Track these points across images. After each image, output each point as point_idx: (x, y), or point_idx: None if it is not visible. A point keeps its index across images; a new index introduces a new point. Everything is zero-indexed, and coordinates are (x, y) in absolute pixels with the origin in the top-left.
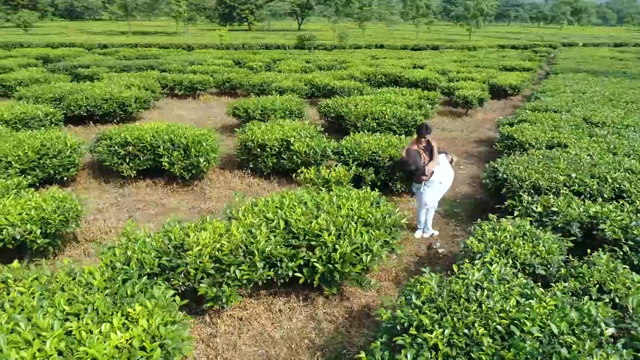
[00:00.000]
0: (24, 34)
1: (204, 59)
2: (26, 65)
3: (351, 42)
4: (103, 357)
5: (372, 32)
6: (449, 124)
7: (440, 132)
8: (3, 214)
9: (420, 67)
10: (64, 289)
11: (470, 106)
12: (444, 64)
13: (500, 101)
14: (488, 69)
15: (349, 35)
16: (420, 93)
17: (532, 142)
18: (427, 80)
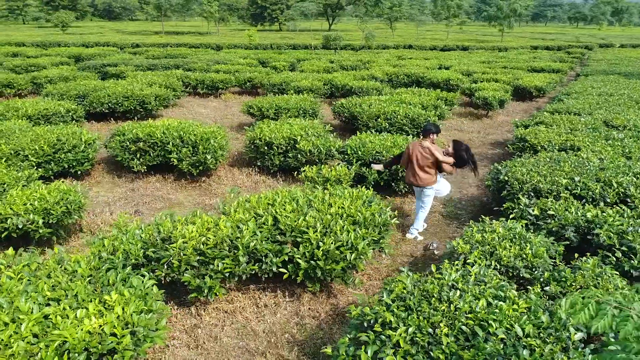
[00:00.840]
0: (61, 34)
1: (230, 58)
2: (59, 63)
3: (380, 43)
4: (74, 341)
5: (402, 32)
6: (467, 125)
7: (457, 133)
8: (8, 204)
9: (445, 68)
10: (49, 276)
11: (490, 108)
12: (470, 65)
13: (524, 103)
14: (516, 70)
15: (375, 36)
16: (438, 94)
17: (545, 144)
18: (449, 81)
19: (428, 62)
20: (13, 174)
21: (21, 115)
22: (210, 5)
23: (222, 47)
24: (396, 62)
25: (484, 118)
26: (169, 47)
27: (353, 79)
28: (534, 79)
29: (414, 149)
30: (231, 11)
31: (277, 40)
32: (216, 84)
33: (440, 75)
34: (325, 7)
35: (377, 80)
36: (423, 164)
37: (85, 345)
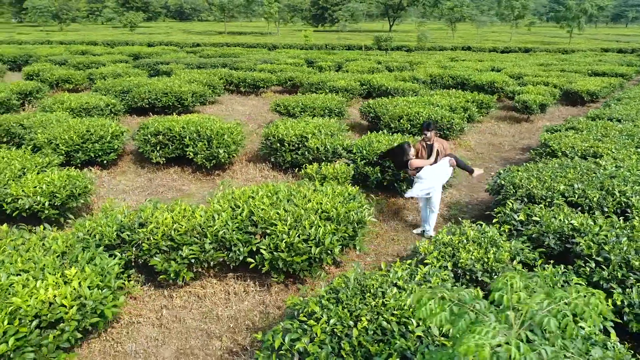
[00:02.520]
0: (130, 34)
1: (278, 58)
2: (118, 61)
3: (437, 44)
4: (27, 308)
5: (463, 33)
6: (502, 129)
7: (489, 137)
8: (21, 186)
9: (497, 71)
10: (28, 250)
11: (530, 112)
12: (525, 68)
13: (575, 108)
14: (573, 73)
15: (428, 37)
16: (474, 96)
17: (567, 150)
18: (493, 83)
19: (480, 64)
20: (35, 160)
21: (65, 108)
22: (270, 6)
23: (278, 47)
24: (446, 64)
25: (524, 122)
26: (225, 46)
27: (393, 79)
28: (587, 83)
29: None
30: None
31: (333, 40)
32: (257, 83)
33: (485, 77)
34: (386, 8)
35: (418, 81)
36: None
37: (36, 312)
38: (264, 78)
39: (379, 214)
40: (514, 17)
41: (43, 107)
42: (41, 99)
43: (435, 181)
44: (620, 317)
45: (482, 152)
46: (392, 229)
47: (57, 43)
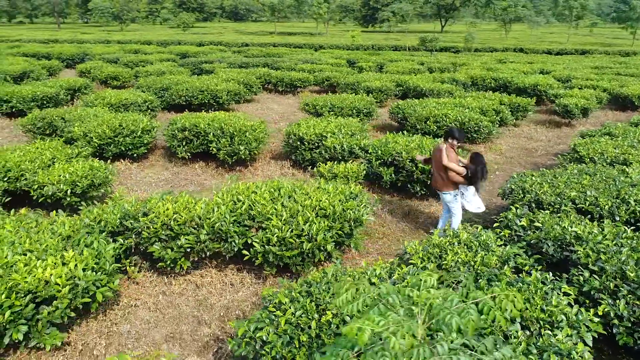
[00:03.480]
0: (183, 34)
1: (321, 58)
2: (165, 60)
3: (488, 45)
4: (25, 284)
5: (518, 34)
6: (538, 134)
7: (524, 141)
8: (47, 175)
9: (546, 73)
10: (38, 232)
11: (571, 116)
12: (576, 71)
13: (624, 113)
14: (629, 77)
15: (475, 38)
16: (510, 99)
17: (595, 156)
18: (536, 86)
19: (529, 66)
20: (65, 151)
21: (105, 104)
22: (319, 7)
23: (324, 47)
24: (492, 66)
25: (564, 127)
26: (271, 47)
27: (430, 81)
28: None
29: (434, 151)
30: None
31: (380, 41)
32: (294, 82)
33: (528, 80)
34: (438, 8)
35: (457, 83)
36: (437, 167)
37: (31, 289)
38: (301, 78)
39: (389, 215)
40: (573, 17)
41: (86, 102)
42: (87, 95)
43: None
44: (610, 329)
45: (511, 157)
46: (400, 230)
47: (115, 42)
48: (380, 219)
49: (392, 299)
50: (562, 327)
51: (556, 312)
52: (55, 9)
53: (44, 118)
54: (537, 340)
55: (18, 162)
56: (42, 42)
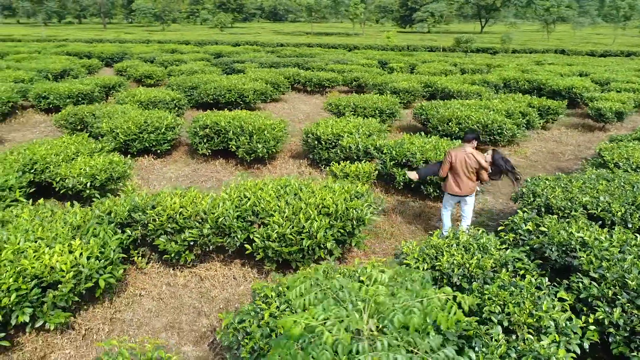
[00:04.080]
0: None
1: (352, 58)
2: (199, 59)
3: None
4: (32, 269)
5: (561, 35)
6: (569, 138)
7: (552, 145)
8: (69, 168)
9: (585, 75)
10: (51, 222)
11: (605, 120)
12: (617, 73)
13: None
14: None
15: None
16: (540, 101)
17: (620, 161)
18: (571, 89)
19: (568, 68)
20: (89, 145)
21: (135, 101)
22: (355, 8)
23: (359, 47)
24: (528, 68)
25: (597, 131)
26: (305, 47)
27: (460, 82)
28: None
29: (458, 157)
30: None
31: (416, 42)
32: (323, 82)
33: (563, 82)
34: (478, 9)
35: (489, 85)
36: (469, 171)
37: (38, 274)
38: (329, 78)
39: (400, 215)
40: (620, 18)
41: (118, 100)
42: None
43: None
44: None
45: (536, 160)
46: (409, 231)
47: (155, 42)
48: (391, 219)
49: (342, 294)
50: (549, 332)
51: (545, 317)
52: (102, 9)
53: (75, 114)
54: (517, 345)
55: (44, 155)
56: (86, 41)
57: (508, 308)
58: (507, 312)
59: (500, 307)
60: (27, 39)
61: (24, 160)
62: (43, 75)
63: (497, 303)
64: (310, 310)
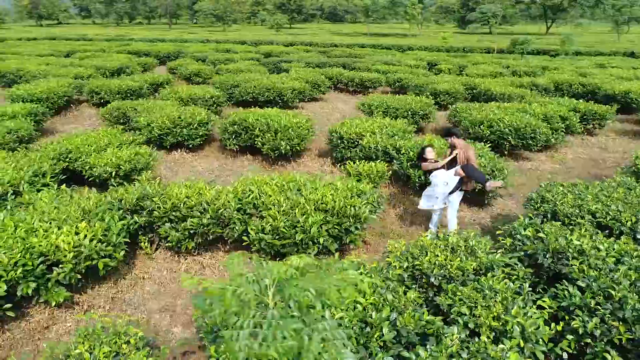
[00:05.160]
0: (276, 34)
1: (401, 59)
2: (249, 59)
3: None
4: (39, 247)
5: (634, 37)
6: (615, 145)
7: (596, 151)
8: (98, 159)
9: None
10: (67, 205)
11: None
12: None
13: None
14: None
15: (573, 40)
16: (586, 106)
17: None
18: (627, 94)
19: (633, 72)
20: (121, 138)
21: (176, 98)
22: (412, 8)
23: (413, 48)
24: (587, 71)
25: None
26: (357, 47)
27: (506, 85)
28: None
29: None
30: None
31: (473, 43)
32: (365, 83)
33: (618, 87)
34: (544, 9)
35: (538, 88)
36: None
37: (44, 252)
38: (371, 78)
39: (411, 216)
40: None
41: (161, 96)
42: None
43: (442, 188)
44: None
45: (572, 167)
46: (418, 232)
47: (214, 42)
48: (402, 220)
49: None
50: (514, 337)
51: (511, 322)
52: (168, 11)
53: (119, 108)
54: (471, 346)
55: (78, 145)
56: (149, 41)
57: (477, 310)
58: (475, 314)
59: (470, 309)
60: (97, 38)
61: (60, 149)
62: (101, 72)
63: (467, 305)
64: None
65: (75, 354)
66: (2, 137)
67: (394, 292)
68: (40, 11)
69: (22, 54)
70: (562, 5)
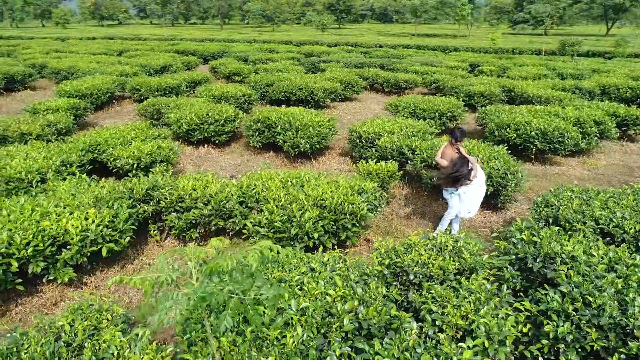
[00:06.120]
0: (322, 34)
1: (442, 60)
2: (289, 58)
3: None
4: (50, 230)
5: None
6: None
7: (633, 158)
8: (122, 151)
9: None
10: (83, 193)
11: None
12: None
13: None
14: None
15: (629, 42)
16: (627, 110)
17: None
18: None
19: None
20: (146, 132)
21: (209, 95)
22: (462, 9)
23: (459, 49)
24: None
25: None
26: (401, 48)
27: (548, 87)
28: None
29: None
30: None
31: (523, 44)
32: (400, 83)
33: None
34: (605, 9)
35: (581, 91)
36: None
37: (54, 234)
38: (407, 79)
39: (420, 217)
40: None
41: (196, 94)
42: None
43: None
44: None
45: (604, 174)
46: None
47: (260, 42)
48: (409, 219)
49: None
50: (478, 336)
51: (478, 321)
52: (220, 11)
53: (153, 105)
54: (427, 342)
55: (107, 138)
56: (199, 40)
57: (447, 309)
58: (444, 312)
59: (441, 307)
60: (151, 38)
61: (90, 141)
62: (146, 70)
63: (440, 302)
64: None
65: (58, 325)
66: (41, 129)
67: (364, 286)
68: (102, 12)
69: (78, 53)
70: (623, 5)
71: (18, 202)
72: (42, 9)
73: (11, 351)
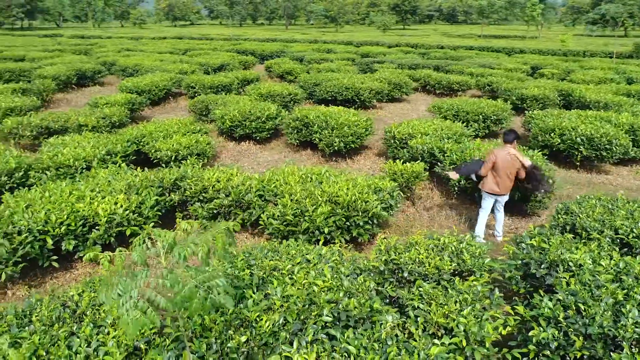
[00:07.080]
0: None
1: (501, 63)
2: (344, 59)
3: None
4: (82, 212)
5: None
6: None
7: None
8: (162, 144)
9: None
10: (118, 180)
11: None
12: None
13: None
14: None
15: None
16: None
17: None
18: None
19: None
20: (187, 126)
21: (257, 93)
22: (532, 9)
23: (525, 51)
24: None
25: None
26: (462, 49)
27: (610, 92)
28: None
29: (501, 157)
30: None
31: (599, 47)
32: (452, 85)
33: None
34: None
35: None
36: (510, 172)
37: (86, 215)
38: (459, 81)
39: (445, 218)
40: None
41: (246, 92)
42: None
43: None
44: None
45: None
46: None
47: (321, 42)
48: (432, 221)
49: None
50: (457, 335)
51: (459, 321)
52: (285, 12)
53: (202, 102)
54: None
55: (151, 131)
56: (262, 40)
57: (431, 307)
58: (428, 309)
59: (427, 304)
60: (217, 37)
61: (136, 134)
62: (204, 69)
63: (426, 300)
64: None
65: (69, 295)
66: (96, 121)
67: (353, 280)
68: (176, 13)
69: (146, 51)
70: None
71: (59, 186)
72: (121, 10)
73: (25, 313)
